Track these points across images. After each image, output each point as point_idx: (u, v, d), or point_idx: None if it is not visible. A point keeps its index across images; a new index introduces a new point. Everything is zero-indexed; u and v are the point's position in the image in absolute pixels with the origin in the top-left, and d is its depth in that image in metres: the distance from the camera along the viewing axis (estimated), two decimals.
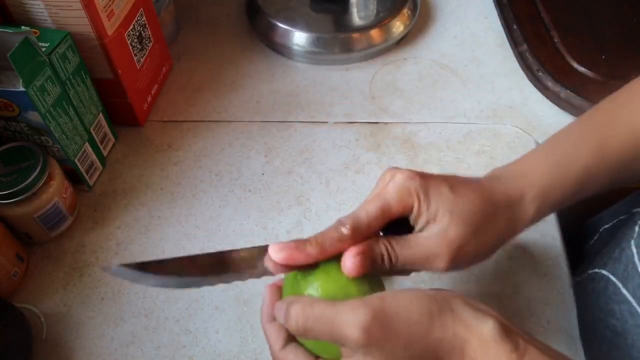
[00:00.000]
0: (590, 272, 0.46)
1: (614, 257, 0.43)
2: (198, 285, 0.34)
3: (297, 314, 0.30)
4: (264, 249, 0.34)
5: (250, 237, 0.50)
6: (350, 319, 0.28)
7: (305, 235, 0.51)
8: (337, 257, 0.33)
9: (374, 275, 0.34)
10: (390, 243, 0.33)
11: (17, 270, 0.47)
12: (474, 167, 0.55)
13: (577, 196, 0.37)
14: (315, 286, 0.32)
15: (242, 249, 0.35)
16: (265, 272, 0.34)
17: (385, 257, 0.32)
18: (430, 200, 0.33)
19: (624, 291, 0.40)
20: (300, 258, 0.32)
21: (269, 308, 0.35)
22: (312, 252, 0.32)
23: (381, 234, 0.34)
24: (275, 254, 0.32)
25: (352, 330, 0.28)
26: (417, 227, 0.34)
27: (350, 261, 0.31)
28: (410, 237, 0.33)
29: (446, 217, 0.32)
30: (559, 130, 0.39)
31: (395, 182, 0.33)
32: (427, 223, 0.33)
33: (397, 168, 0.34)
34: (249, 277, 0.34)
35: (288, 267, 0.33)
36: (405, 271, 0.37)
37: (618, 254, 0.42)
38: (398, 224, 0.34)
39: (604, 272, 0.43)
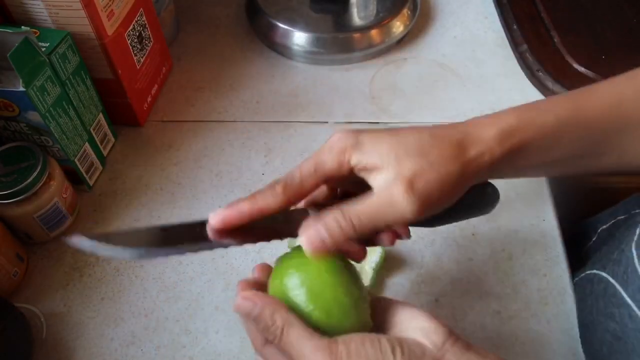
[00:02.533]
0: (589, 272, 0.46)
1: (613, 259, 0.42)
2: (156, 255, 0.31)
3: (278, 325, 0.29)
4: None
5: None
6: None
7: None
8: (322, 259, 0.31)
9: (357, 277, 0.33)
10: (340, 206, 0.31)
11: (17, 270, 0.47)
12: None
13: (553, 149, 0.34)
14: (301, 291, 0.31)
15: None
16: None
17: (342, 221, 0.30)
18: (368, 150, 0.31)
19: (624, 294, 0.40)
20: (234, 215, 0.31)
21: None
22: (244, 208, 0.31)
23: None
24: (212, 220, 0.32)
25: None
26: (368, 182, 0.32)
27: (305, 239, 0.30)
28: (363, 194, 0.31)
29: (391, 159, 0.31)
30: None
31: (329, 141, 0.32)
32: (374, 173, 0.31)
33: (341, 132, 0.33)
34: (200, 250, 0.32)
35: (228, 233, 0.32)
36: (378, 237, 0.34)
37: (618, 256, 0.42)
38: None
39: (603, 274, 0.43)
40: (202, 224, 0.33)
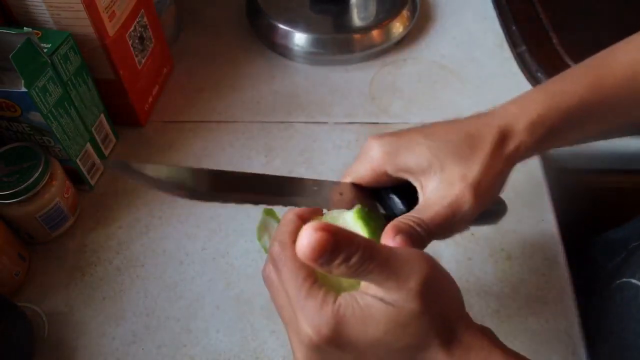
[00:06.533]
0: (618, 281, 0.45)
1: None
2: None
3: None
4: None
5: (251, 237, 0.50)
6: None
7: None
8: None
9: None
10: (411, 215, 0.32)
11: (19, 269, 0.47)
12: None
13: (578, 132, 0.36)
14: None
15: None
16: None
17: (416, 227, 0.31)
18: (405, 156, 0.33)
19: None
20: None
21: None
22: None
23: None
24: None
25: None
26: (415, 183, 0.34)
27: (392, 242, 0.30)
28: (422, 201, 0.33)
29: (437, 163, 0.32)
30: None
31: (363, 149, 0.34)
32: (421, 176, 0.33)
33: (374, 139, 0.34)
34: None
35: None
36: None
37: None
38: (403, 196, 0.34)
39: (633, 281, 0.43)
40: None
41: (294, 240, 0.28)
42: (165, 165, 0.31)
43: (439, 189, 0.32)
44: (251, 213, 0.52)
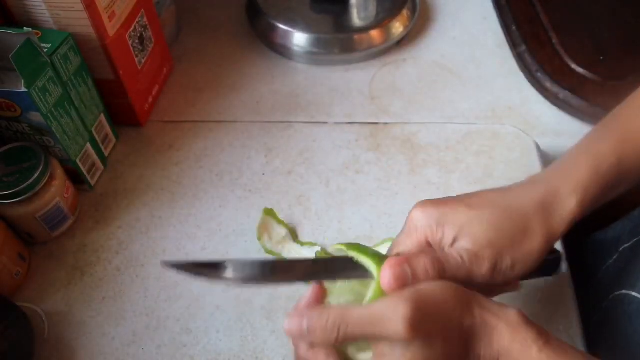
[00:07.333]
0: (617, 293, 0.45)
1: None
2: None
3: (335, 322, 0.29)
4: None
5: (251, 237, 0.50)
6: (393, 315, 0.28)
7: (306, 236, 0.51)
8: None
9: None
10: (431, 257, 0.33)
11: (20, 269, 0.47)
12: (473, 167, 0.56)
13: (614, 189, 0.36)
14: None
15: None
16: None
17: (430, 268, 0.32)
18: (446, 227, 0.34)
19: None
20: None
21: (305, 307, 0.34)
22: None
23: None
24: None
25: (396, 325, 0.28)
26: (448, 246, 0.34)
27: (386, 273, 0.31)
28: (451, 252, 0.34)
29: (465, 231, 0.33)
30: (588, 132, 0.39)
31: (410, 221, 0.35)
32: (454, 243, 0.34)
33: (419, 210, 0.35)
34: None
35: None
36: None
37: None
38: None
39: (633, 293, 0.42)
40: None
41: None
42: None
43: (462, 244, 0.33)
44: (251, 213, 0.52)
